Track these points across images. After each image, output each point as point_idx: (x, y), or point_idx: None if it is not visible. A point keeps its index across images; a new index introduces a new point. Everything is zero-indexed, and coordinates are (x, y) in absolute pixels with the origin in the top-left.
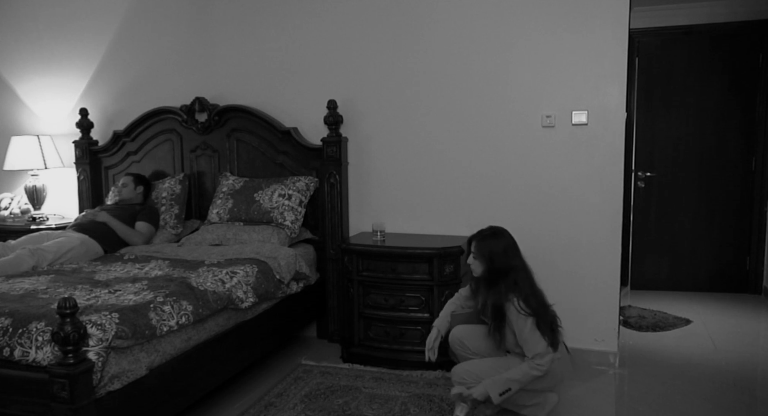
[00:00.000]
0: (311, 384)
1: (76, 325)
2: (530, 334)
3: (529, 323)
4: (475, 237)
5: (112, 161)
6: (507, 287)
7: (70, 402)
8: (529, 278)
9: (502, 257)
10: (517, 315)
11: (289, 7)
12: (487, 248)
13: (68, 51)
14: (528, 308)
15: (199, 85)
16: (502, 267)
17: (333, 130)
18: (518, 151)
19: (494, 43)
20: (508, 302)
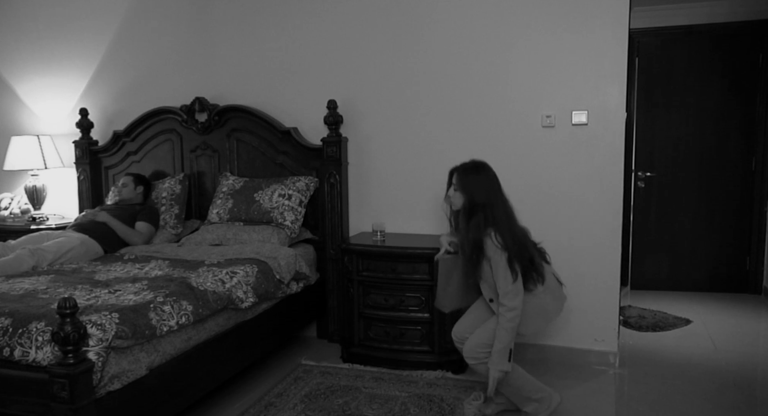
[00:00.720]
0: (311, 384)
1: (76, 325)
2: (504, 271)
3: (504, 258)
4: (457, 170)
5: (112, 161)
6: (486, 221)
7: (70, 402)
8: (507, 213)
9: (483, 191)
10: (493, 248)
11: (289, 7)
12: (468, 181)
13: (68, 51)
14: (503, 242)
15: (199, 85)
16: (481, 201)
17: (333, 130)
18: (518, 151)
19: (494, 42)
20: (486, 236)
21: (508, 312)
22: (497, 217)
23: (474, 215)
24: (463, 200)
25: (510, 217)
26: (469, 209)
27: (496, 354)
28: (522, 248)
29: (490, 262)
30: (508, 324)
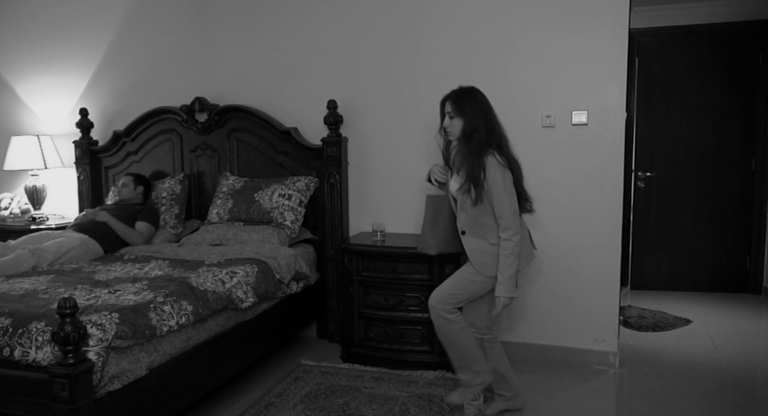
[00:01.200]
0: (311, 384)
1: (76, 325)
2: (506, 193)
3: (508, 177)
4: (450, 97)
5: (112, 161)
6: (488, 141)
7: (70, 402)
8: (505, 136)
9: (480, 112)
10: (496, 168)
11: (289, 7)
12: (465, 105)
13: (68, 51)
14: (508, 162)
15: (199, 85)
16: (480, 123)
17: (333, 130)
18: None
19: (494, 42)
20: (490, 155)
21: (513, 236)
22: (498, 137)
23: (473, 138)
24: (461, 124)
25: (507, 140)
26: (470, 133)
27: (504, 283)
28: (519, 173)
29: (490, 185)
30: (515, 249)
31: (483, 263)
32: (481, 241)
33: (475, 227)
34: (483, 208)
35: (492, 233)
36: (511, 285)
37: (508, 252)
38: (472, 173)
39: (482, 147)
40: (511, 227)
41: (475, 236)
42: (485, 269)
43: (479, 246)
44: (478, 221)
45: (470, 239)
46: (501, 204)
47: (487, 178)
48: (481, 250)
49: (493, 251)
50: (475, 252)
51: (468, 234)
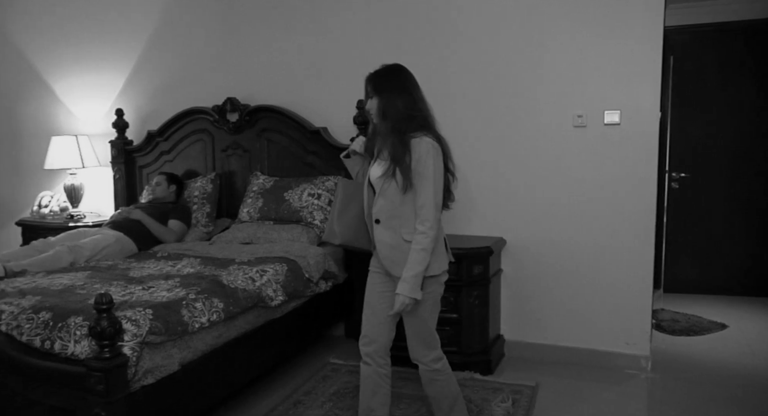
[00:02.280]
0: (339, 382)
1: (112, 320)
2: (436, 181)
3: (439, 164)
4: (370, 75)
5: (146, 160)
6: (408, 120)
7: (106, 395)
8: (431, 119)
9: (399, 91)
10: (429, 149)
11: (320, 8)
12: (383, 82)
13: (105, 53)
14: (441, 146)
15: (231, 85)
16: (399, 102)
17: (362, 130)
18: (549, 151)
19: (525, 42)
20: (422, 136)
21: (430, 230)
22: (421, 116)
23: (389, 116)
24: (377, 102)
25: (432, 119)
26: (386, 112)
27: (409, 280)
28: (448, 158)
29: (420, 169)
30: (429, 245)
31: (392, 261)
32: (393, 234)
33: (392, 217)
34: (406, 196)
35: (408, 227)
36: (416, 284)
37: (420, 247)
38: (395, 154)
39: (402, 125)
40: (430, 219)
41: (388, 228)
42: (394, 268)
43: (391, 240)
44: (396, 210)
45: (382, 230)
46: (425, 192)
47: (419, 160)
48: (391, 244)
49: (405, 248)
50: (384, 246)
51: (382, 224)
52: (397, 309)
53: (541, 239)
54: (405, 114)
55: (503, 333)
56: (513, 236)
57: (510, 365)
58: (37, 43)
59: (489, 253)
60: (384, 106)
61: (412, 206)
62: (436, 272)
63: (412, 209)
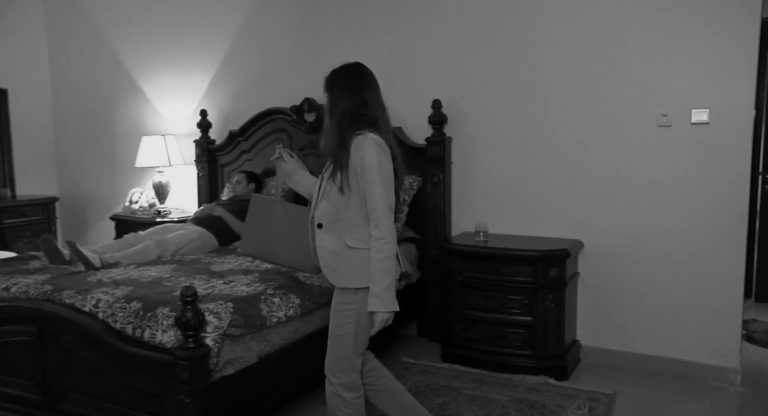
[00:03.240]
0: (411, 381)
1: (196, 312)
2: (384, 181)
3: (386, 162)
4: (329, 74)
5: (227, 158)
6: (354, 119)
7: (190, 383)
8: (384, 122)
9: (350, 90)
10: (372, 147)
11: (394, 8)
12: (336, 80)
13: (191, 56)
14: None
15: (308, 86)
16: (346, 100)
17: (437, 129)
18: (631, 152)
19: (607, 37)
20: (365, 134)
21: (388, 233)
22: (370, 116)
23: (335, 114)
24: (327, 101)
25: (386, 123)
26: (333, 109)
27: (380, 294)
28: (399, 167)
29: (365, 169)
30: (391, 251)
31: (333, 269)
32: (336, 239)
33: (335, 221)
34: (349, 198)
35: (353, 232)
36: (389, 297)
37: (383, 256)
38: (333, 153)
39: (345, 123)
40: (384, 222)
41: (331, 233)
42: (335, 277)
43: (332, 245)
44: (340, 214)
45: (324, 235)
46: (374, 193)
47: (363, 159)
48: (333, 250)
49: (348, 255)
50: (324, 251)
51: (324, 229)
52: (377, 328)
53: (621, 243)
54: (351, 113)
55: (579, 338)
56: (591, 239)
57: (586, 371)
58: (130, 47)
59: (566, 255)
60: (332, 104)
61: (357, 209)
62: (363, 284)
63: (358, 212)
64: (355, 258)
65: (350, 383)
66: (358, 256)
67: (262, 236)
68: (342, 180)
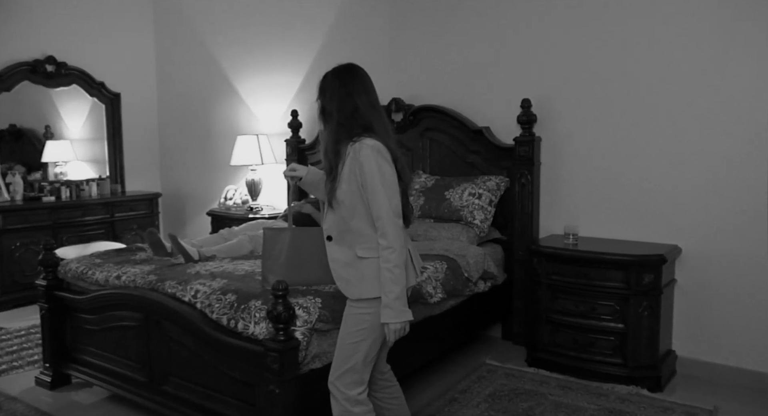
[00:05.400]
0: (495, 384)
1: (287, 306)
2: (386, 186)
3: (387, 167)
4: (322, 77)
5: (316, 158)
6: (347, 125)
7: (280, 374)
8: (380, 125)
9: (341, 94)
10: (371, 153)
11: (482, 7)
12: (328, 84)
13: (283, 58)
14: (392, 152)
15: (396, 86)
16: (339, 104)
17: (526, 129)
18: (737, 154)
19: (710, 33)
20: (362, 140)
21: (395, 241)
22: (364, 120)
23: (328, 121)
24: (319, 107)
25: (382, 127)
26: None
27: (391, 305)
28: (405, 172)
29: (365, 177)
30: (399, 260)
31: (346, 281)
32: (346, 250)
33: (344, 232)
34: (350, 208)
35: (362, 242)
36: (401, 306)
37: (391, 265)
38: (326, 160)
39: (339, 131)
40: (390, 230)
41: (340, 244)
42: (349, 289)
43: (344, 257)
44: (347, 225)
45: (335, 247)
46: (377, 201)
47: (361, 168)
48: (345, 262)
49: (360, 265)
50: (336, 264)
51: (334, 241)
52: (390, 340)
53: (724, 250)
54: (344, 119)
55: (675, 349)
56: (690, 245)
57: (682, 384)
58: (227, 50)
59: (662, 261)
60: (323, 109)
61: (364, 218)
62: (378, 294)
63: (365, 221)
64: (367, 268)
65: (356, 397)
66: (370, 265)
67: (287, 263)
68: (330, 189)
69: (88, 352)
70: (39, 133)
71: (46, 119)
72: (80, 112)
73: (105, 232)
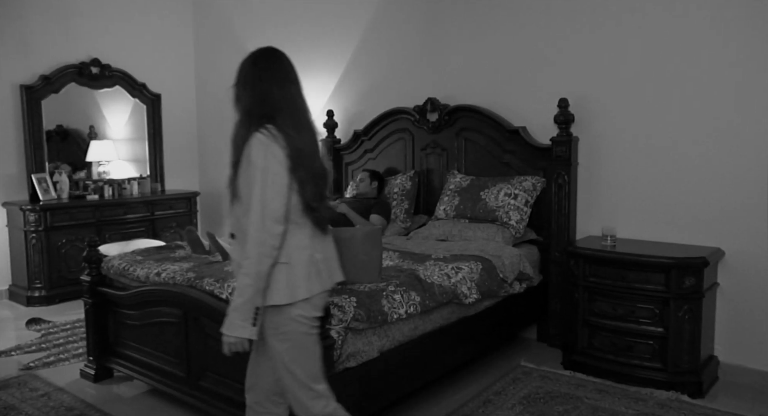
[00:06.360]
0: (530, 386)
1: None
2: (266, 182)
3: (273, 160)
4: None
5: (351, 157)
6: (253, 113)
7: None
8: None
9: (252, 80)
10: (259, 143)
11: (518, 6)
12: (240, 70)
13: (319, 59)
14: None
15: (431, 86)
16: (248, 91)
17: (563, 129)
18: None
19: (759, 27)
20: (259, 130)
21: (258, 247)
22: (271, 107)
23: (237, 109)
24: (234, 90)
25: (294, 114)
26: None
27: (230, 315)
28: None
29: (251, 170)
30: (252, 269)
31: None
32: (242, 251)
33: (240, 231)
34: (245, 205)
35: None
36: (238, 320)
37: (243, 271)
38: (232, 150)
39: (245, 120)
40: (254, 236)
41: (242, 244)
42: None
43: (241, 258)
44: (240, 223)
45: (237, 246)
46: (252, 197)
47: (249, 162)
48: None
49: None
50: (236, 266)
51: (237, 240)
52: (224, 351)
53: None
54: (250, 107)
55: (717, 354)
56: (734, 247)
57: (725, 390)
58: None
59: (704, 264)
60: (235, 98)
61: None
62: (281, 301)
63: None
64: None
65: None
66: (273, 270)
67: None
68: (232, 185)
69: (129, 347)
70: (84, 133)
71: (90, 120)
72: (122, 112)
73: (145, 230)
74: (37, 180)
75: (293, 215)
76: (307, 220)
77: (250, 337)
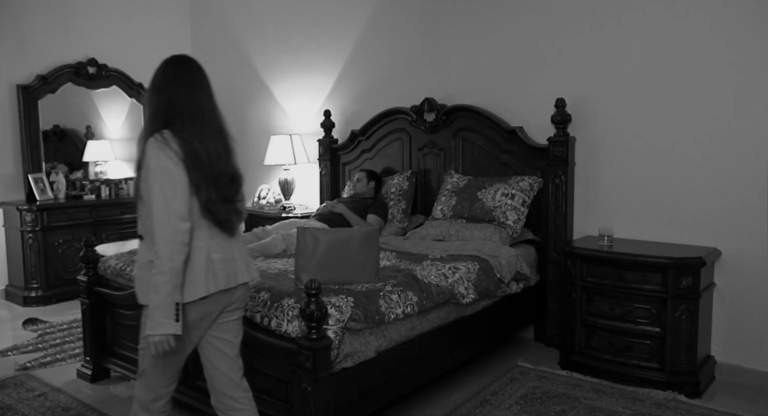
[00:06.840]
0: (527, 386)
1: (320, 305)
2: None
3: (167, 163)
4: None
5: (348, 157)
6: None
7: (313, 372)
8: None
9: (159, 87)
10: (152, 148)
11: (516, 6)
12: (152, 79)
13: (317, 59)
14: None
15: (429, 86)
16: (153, 98)
17: (560, 129)
18: None
19: (757, 28)
20: (147, 141)
21: (162, 246)
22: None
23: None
24: (145, 95)
25: (197, 118)
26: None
27: (151, 314)
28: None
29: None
30: (165, 266)
31: (140, 282)
32: (147, 252)
33: (146, 232)
34: (147, 206)
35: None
36: (160, 317)
37: (156, 271)
38: (137, 152)
39: (148, 121)
40: (159, 235)
41: (146, 244)
42: (140, 292)
43: (142, 258)
44: (145, 224)
45: (142, 246)
46: (151, 200)
47: (145, 164)
48: (142, 263)
49: (150, 269)
50: (137, 265)
51: (144, 241)
52: (153, 353)
53: (766, 253)
54: (154, 111)
55: (714, 354)
56: (730, 248)
57: (722, 390)
58: (261, 51)
59: (701, 264)
60: (144, 102)
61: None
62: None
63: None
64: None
65: (144, 402)
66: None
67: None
68: (136, 187)
69: (126, 347)
70: (80, 133)
71: (87, 120)
72: (119, 112)
73: None
74: (33, 180)
75: (193, 215)
76: (206, 221)
77: (175, 332)
